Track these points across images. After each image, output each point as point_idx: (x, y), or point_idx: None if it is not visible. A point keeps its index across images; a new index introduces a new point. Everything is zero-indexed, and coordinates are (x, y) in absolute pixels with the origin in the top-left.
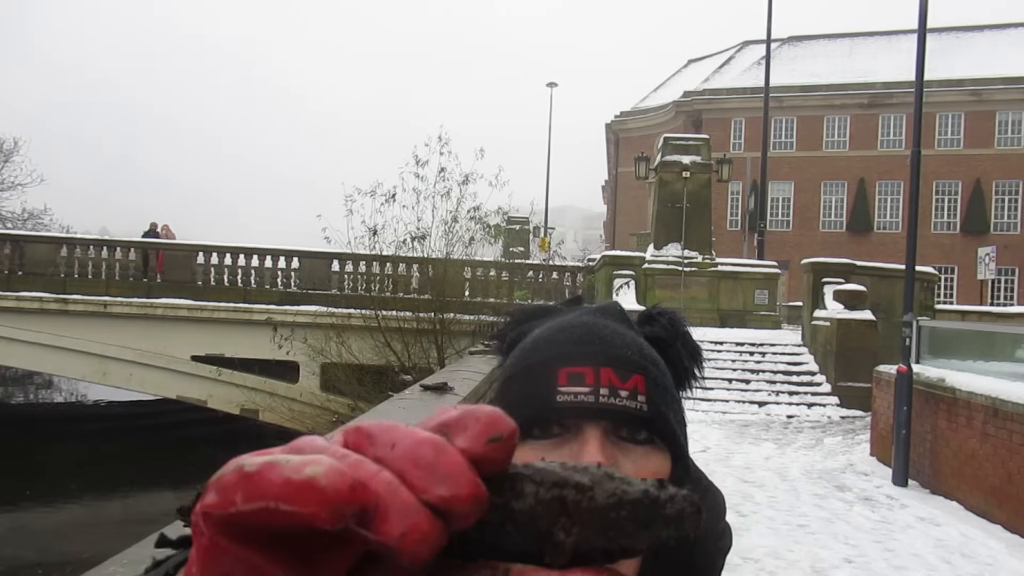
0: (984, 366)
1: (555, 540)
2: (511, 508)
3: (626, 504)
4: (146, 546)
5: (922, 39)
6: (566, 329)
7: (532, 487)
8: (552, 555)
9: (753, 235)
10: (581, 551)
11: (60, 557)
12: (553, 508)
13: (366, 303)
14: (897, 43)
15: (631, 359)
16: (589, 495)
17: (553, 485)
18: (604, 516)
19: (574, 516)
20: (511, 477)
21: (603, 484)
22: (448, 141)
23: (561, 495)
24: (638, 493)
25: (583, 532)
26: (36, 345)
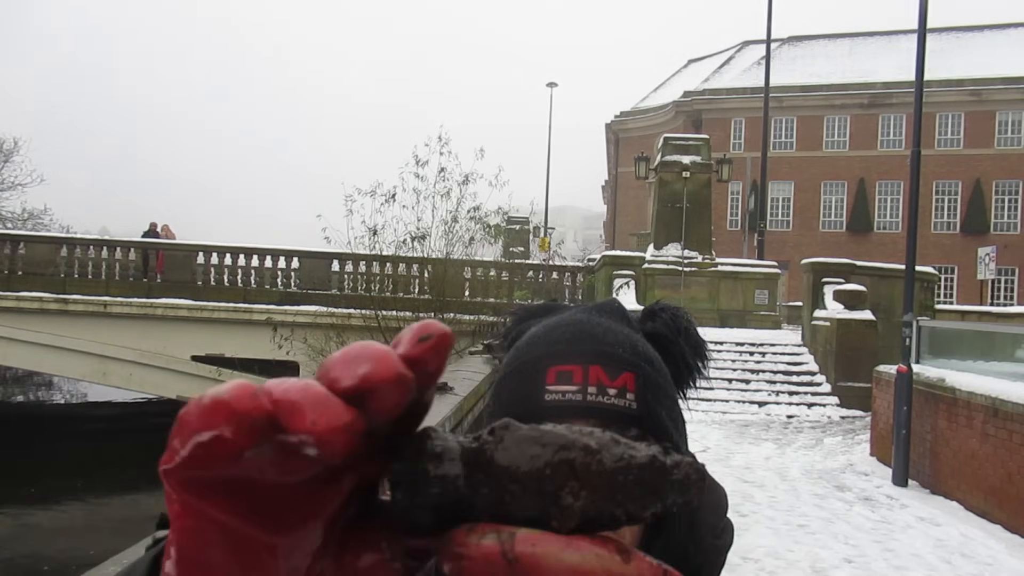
0: (984, 366)
1: (563, 503)
2: (517, 469)
3: (634, 468)
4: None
5: (922, 39)
6: (560, 327)
7: (538, 449)
8: (560, 519)
9: (753, 235)
10: (588, 515)
11: (60, 557)
12: (561, 471)
13: (366, 303)
14: (897, 43)
15: (621, 356)
16: (597, 458)
17: (560, 448)
18: (612, 480)
19: (582, 479)
20: (496, 430)
21: (610, 448)
22: (448, 141)
23: (569, 457)
24: (645, 458)
25: (591, 496)
26: (36, 345)
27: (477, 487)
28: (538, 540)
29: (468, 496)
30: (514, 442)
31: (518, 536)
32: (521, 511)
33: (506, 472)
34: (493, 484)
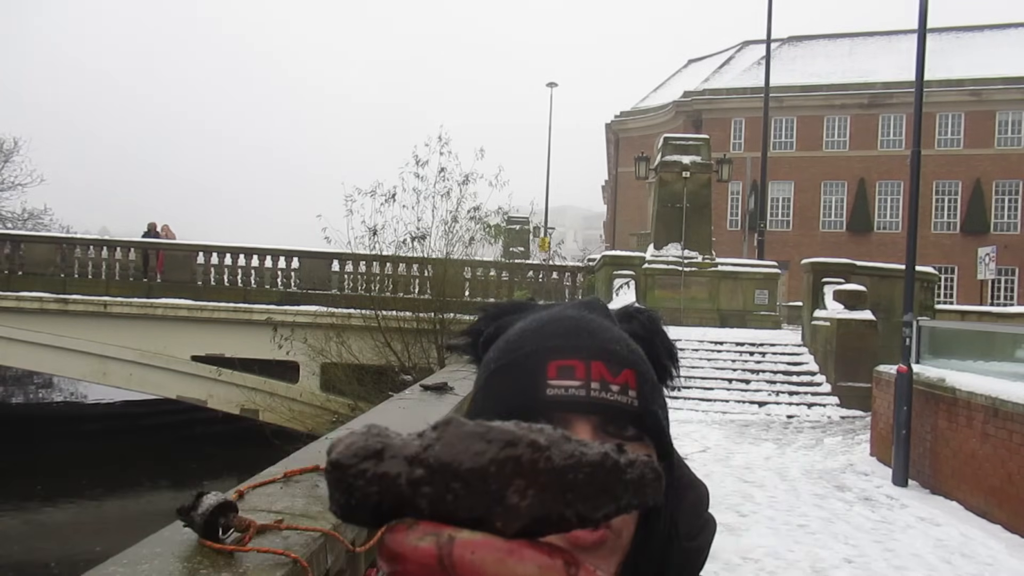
0: (984, 366)
1: (508, 503)
2: (460, 466)
3: (585, 466)
4: (146, 546)
5: (922, 39)
6: (553, 322)
7: (483, 445)
8: (505, 519)
9: (753, 235)
10: (536, 516)
11: (60, 557)
12: (507, 468)
13: (366, 303)
14: (897, 43)
15: (621, 353)
16: (546, 455)
17: (507, 444)
18: (561, 478)
19: (529, 477)
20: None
21: (560, 445)
22: (448, 141)
23: (516, 454)
24: (597, 455)
25: (539, 495)
26: (36, 345)
27: (418, 486)
28: (478, 546)
29: (410, 496)
30: (457, 438)
31: (458, 540)
32: (465, 511)
33: (448, 469)
34: (434, 483)
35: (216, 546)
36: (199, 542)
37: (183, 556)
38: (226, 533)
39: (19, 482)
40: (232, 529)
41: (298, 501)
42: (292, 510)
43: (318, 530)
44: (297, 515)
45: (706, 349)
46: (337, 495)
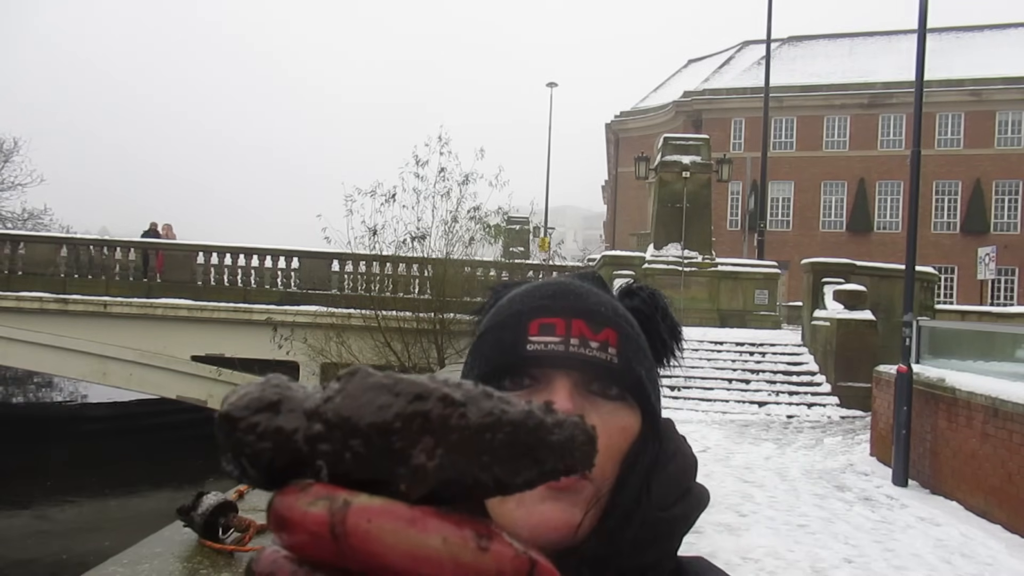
0: (984, 366)
1: (414, 463)
2: (360, 421)
3: (505, 425)
4: (146, 546)
5: (922, 39)
6: (542, 286)
7: (389, 398)
8: (409, 481)
9: (753, 235)
10: (445, 479)
11: (60, 557)
12: (414, 424)
13: (366, 303)
14: (897, 43)
15: (603, 313)
16: (460, 411)
17: (416, 397)
18: (477, 437)
19: (439, 435)
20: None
21: (478, 401)
22: (448, 141)
23: (424, 409)
24: (520, 414)
25: (449, 455)
26: (36, 345)
27: (316, 443)
28: (376, 513)
29: (307, 454)
30: (361, 389)
31: (353, 506)
32: (365, 472)
33: (348, 424)
34: (333, 439)
35: (216, 546)
36: (199, 542)
37: (183, 556)
38: (226, 533)
39: (19, 482)
40: (232, 529)
41: None
42: None
43: None
44: None
45: (706, 349)
46: (228, 453)
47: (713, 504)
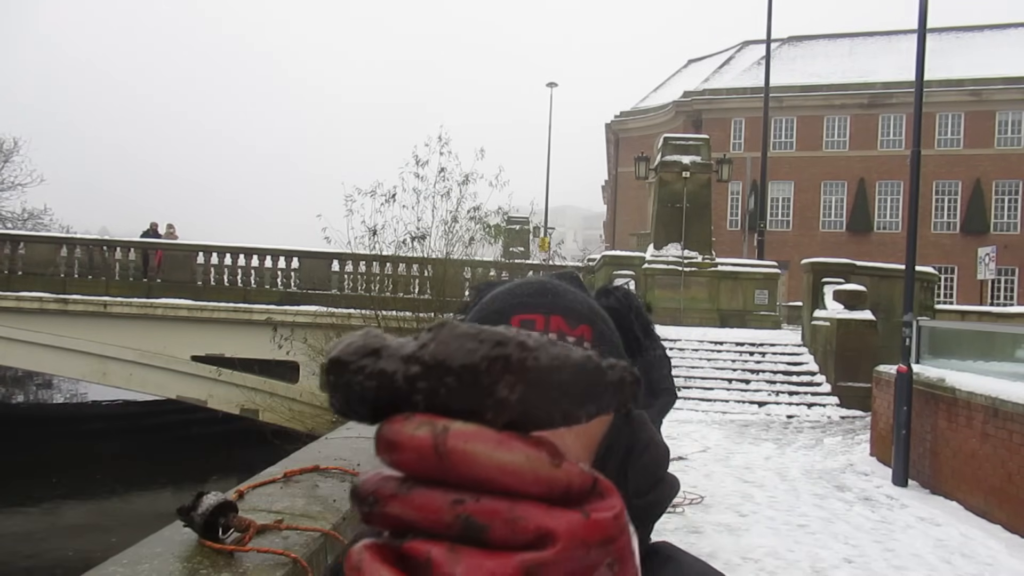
0: (984, 366)
1: (498, 396)
2: (453, 363)
3: (569, 366)
4: (146, 546)
5: (922, 39)
6: (523, 284)
7: (475, 344)
8: (495, 410)
9: (753, 235)
10: (524, 410)
11: (60, 557)
12: (497, 365)
13: (366, 303)
14: (897, 43)
15: (579, 311)
16: (533, 354)
17: (497, 343)
18: (547, 376)
19: (518, 374)
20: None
21: (547, 347)
22: (448, 141)
23: (505, 353)
24: (581, 357)
25: (526, 390)
26: (36, 345)
27: (414, 381)
28: (471, 436)
29: (406, 391)
30: (452, 337)
31: (452, 430)
32: (457, 404)
33: (443, 365)
34: (429, 378)
35: (216, 546)
36: (199, 542)
37: (183, 556)
38: (226, 533)
39: (19, 482)
40: (232, 529)
41: (298, 501)
42: (292, 510)
43: (318, 530)
44: (297, 515)
45: (706, 349)
46: (338, 391)
47: (713, 504)
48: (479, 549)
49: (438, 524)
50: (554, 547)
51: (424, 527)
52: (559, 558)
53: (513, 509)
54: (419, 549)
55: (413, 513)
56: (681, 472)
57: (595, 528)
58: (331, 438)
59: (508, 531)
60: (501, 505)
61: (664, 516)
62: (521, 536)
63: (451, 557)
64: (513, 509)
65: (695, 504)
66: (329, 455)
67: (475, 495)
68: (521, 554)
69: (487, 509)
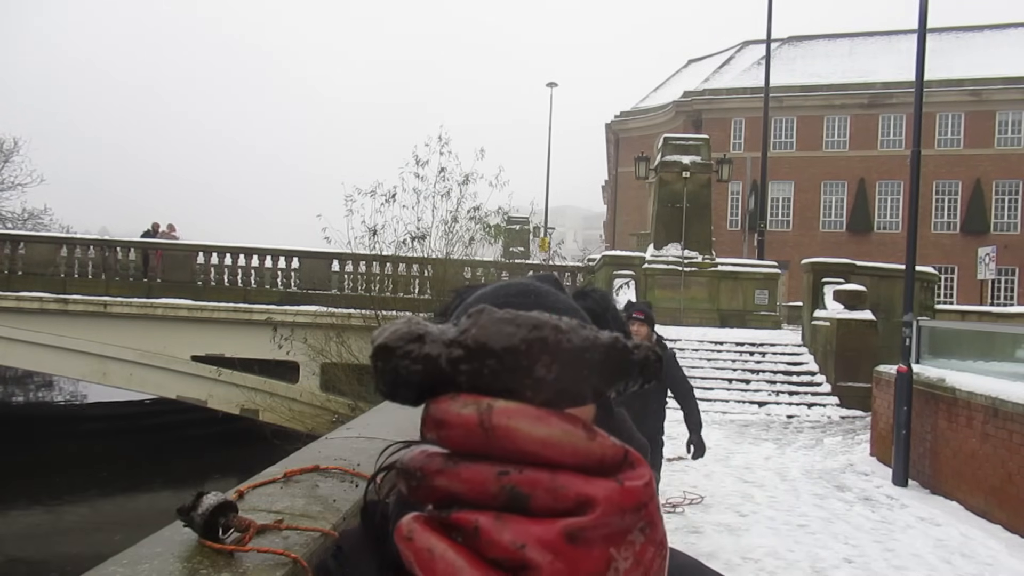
0: (984, 366)
1: (537, 375)
2: (494, 346)
3: (600, 347)
4: (146, 546)
5: (922, 39)
6: (506, 286)
7: (513, 328)
8: (534, 389)
9: (753, 235)
10: (560, 387)
11: (60, 557)
12: (535, 347)
13: (366, 303)
14: (897, 43)
15: (563, 312)
16: (567, 336)
17: (534, 327)
18: (580, 356)
19: (554, 354)
20: (477, 313)
21: (578, 330)
22: (448, 141)
23: (542, 335)
24: (609, 339)
25: (562, 370)
26: (36, 345)
27: (457, 364)
28: (513, 413)
29: (450, 373)
30: (491, 322)
31: (496, 408)
32: (499, 383)
33: (484, 348)
34: (472, 360)
35: (216, 546)
36: (199, 542)
37: (183, 556)
38: (226, 533)
39: (19, 482)
40: (232, 529)
41: (298, 501)
42: (292, 510)
43: (318, 530)
44: (297, 515)
45: (706, 349)
46: (385, 376)
47: (713, 504)
48: (524, 516)
49: (484, 495)
50: (593, 512)
51: (470, 499)
52: (598, 522)
53: (554, 479)
54: (467, 519)
55: (460, 485)
56: (681, 472)
57: (629, 495)
58: (331, 438)
59: (550, 499)
60: (543, 476)
61: (664, 516)
62: (562, 503)
63: (498, 524)
64: (554, 479)
65: (695, 504)
66: (329, 455)
67: (518, 467)
68: (563, 519)
69: (530, 479)
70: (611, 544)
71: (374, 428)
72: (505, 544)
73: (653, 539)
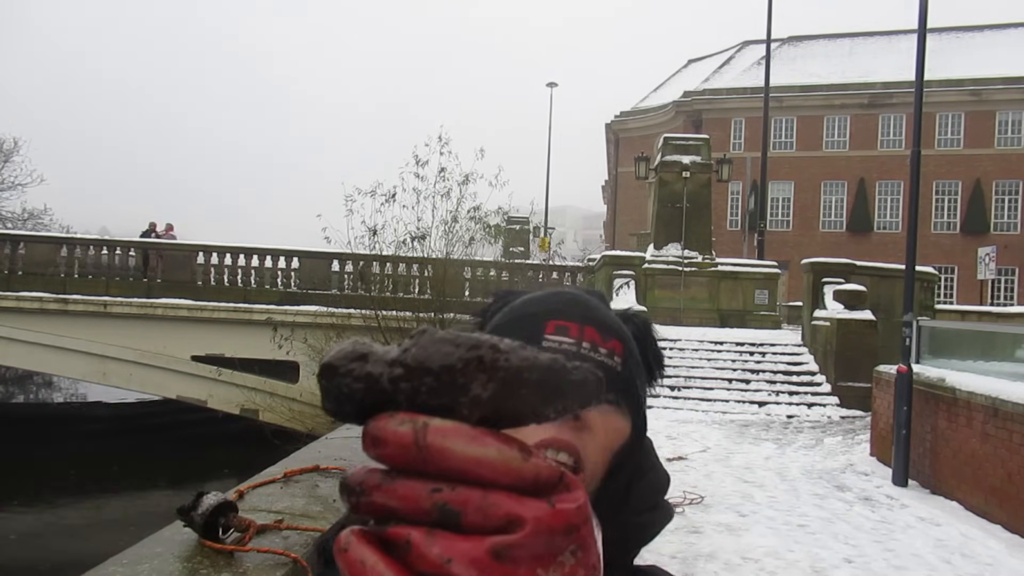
0: (984, 366)
1: (472, 394)
2: (432, 364)
3: (538, 367)
4: (146, 546)
5: (922, 39)
6: (556, 294)
7: (452, 347)
8: (469, 407)
9: (753, 235)
10: (495, 406)
11: (60, 557)
12: (471, 365)
13: (366, 303)
14: (897, 43)
15: (612, 325)
16: (505, 356)
17: (472, 346)
18: (518, 376)
19: (490, 373)
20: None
21: (517, 350)
22: (448, 141)
23: (479, 354)
24: (548, 359)
25: (498, 389)
26: (36, 345)
27: (397, 382)
28: (448, 432)
29: (390, 391)
30: (431, 342)
31: (431, 426)
32: (435, 401)
33: (423, 367)
34: (411, 379)
35: (216, 546)
36: (199, 542)
37: (183, 556)
38: (226, 533)
39: (19, 482)
40: (232, 529)
41: (298, 501)
42: (292, 510)
43: (318, 530)
44: (297, 515)
45: (706, 349)
46: (329, 394)
47: (713, 504)
48: (454, 533)
49: (418, 511)
50: (522, 531)
51: (405, 514)
52: (525, 542)
53: (485, 497)
54: (400, 533)
55: (396, 501)
56: (681, 472)
57: (559, 516)
58: (331, 438)
59: (480, 517)
60: (474, 494)
61: None
62: (492, 521)
63: (428, 539)
64: (485, 497)
65: (695, 504)
66: (329, 455)
67: (451, 485)
68: (491, 537)
69: (461, 497)
70: (539, 564)
71: None
72: (432, 558)
73: (584, 562)
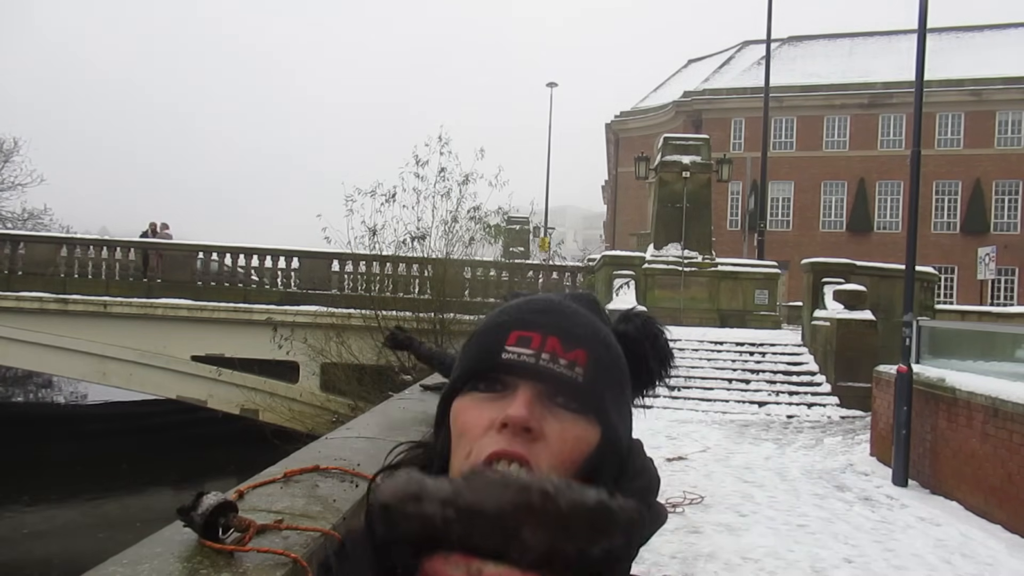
0: (984, 366)
1: (522, 539)
2: (484, 508)
3: (584, 510)
4: (146, 546)
5: (922, 39)
6: (532, 301)
7: (501, 490)
8: (520, 552)
9: (753, 235)
10: (544, 552)
11: (60, 557)
12: (521, 512)
13: (366, 303)
14: (897, 43)
15: (578, 334)
16: (554, 502)
17: (521, 489)
18: (565, 521)
19: (539, 519)
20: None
21: (564, 493)
22: (448, 141)
23: (529, 500)
24: (594, 502)
25: (547, 534)
26: (36, 345)
27: (450, 523)
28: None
29: (443, 531)
30: (483, 485)
31: (485, 572)
32: (486, 544)
33: (474, 511)
34: (464, 521)
35: (216, 546)
36: (199, 542)
37: (183, 556)
38: (226, 533)
39: (19, 482)
40: (232, 529)
41: (298, 501)
42: (292, 510)
43: (318, 530)
44: (297, 515)
45: (706, 349)
46: (383, 528)
47: (713, 504)
48: None
49: None
50: None
51: None
52: None
53: None
54: None
55: None
56: (681, 472)
57: None
58: (331, 438)
59: None
60: None
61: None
62: None
63: None
64: None
65: (695, 504)
66: (329, 455)
67: None
68: None
69: None
70: None
71: (374, 428)
72: None
73: None
